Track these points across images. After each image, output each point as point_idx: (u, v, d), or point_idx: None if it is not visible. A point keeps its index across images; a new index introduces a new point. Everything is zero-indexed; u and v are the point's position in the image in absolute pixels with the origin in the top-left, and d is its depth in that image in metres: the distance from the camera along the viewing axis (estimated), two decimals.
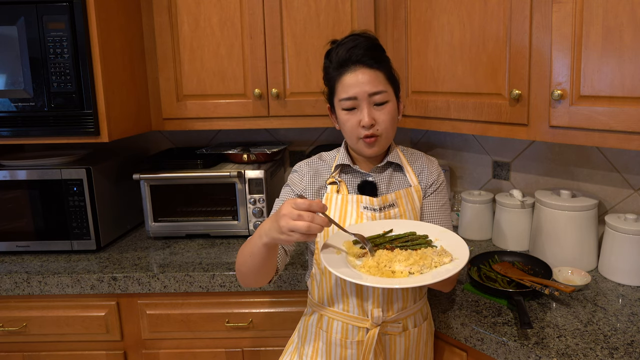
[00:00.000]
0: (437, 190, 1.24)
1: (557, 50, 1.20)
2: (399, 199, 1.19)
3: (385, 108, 1.13)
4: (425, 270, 0.97)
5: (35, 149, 2.10)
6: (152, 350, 1.60)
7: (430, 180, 1.24)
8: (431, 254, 1.01)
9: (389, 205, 1.18)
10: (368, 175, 1.21)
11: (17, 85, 1.55)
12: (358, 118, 1.13)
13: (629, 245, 1.37)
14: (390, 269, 0.97)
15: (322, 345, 1.17)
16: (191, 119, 1.80)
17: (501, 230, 1.71)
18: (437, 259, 0.99)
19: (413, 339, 1.18)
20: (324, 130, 2.15)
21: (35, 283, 1.54)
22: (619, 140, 1.12)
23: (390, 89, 1.15)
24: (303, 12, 1.70)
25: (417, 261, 0.98)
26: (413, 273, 0.97)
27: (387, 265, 0.98)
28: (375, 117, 1.12)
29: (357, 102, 1.12)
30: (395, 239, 1.08)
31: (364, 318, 1.13)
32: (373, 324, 1.11)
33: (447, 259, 0.99)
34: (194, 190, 1.82)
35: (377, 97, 1.12)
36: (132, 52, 1.71)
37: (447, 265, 0.98)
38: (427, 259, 0.99)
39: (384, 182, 1.21)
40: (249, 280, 1.12)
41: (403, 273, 0.96)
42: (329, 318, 1.16)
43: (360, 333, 1.13)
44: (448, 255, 1.01)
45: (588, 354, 1.05)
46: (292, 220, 0.90)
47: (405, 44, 1.61)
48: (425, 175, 1.24)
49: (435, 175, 1.25)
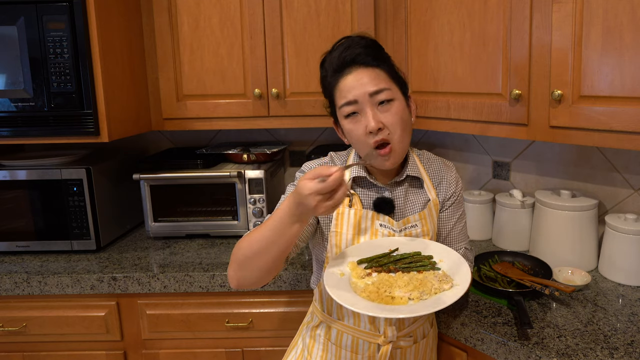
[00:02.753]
0: (455, 203, 1.18)
1: (557, 50, 1.20)
2: (422, 219, 1.11)
3: (391, 108, 1.01)
4: (425, 296, 0.95)
5: (35, 149, 2.10)
6: (152, 350, 1.60)
7: (448, 193, 1.17)
8: (432, 278, 0.99)
9: (410, 226, 1.10)
10: (384, 189, 1.11)
11: (17, 85, 1.55)
12: (363, 124, 1.01)
13: (629, 245, 1.37)
14: (390, 294, 0.95)
15: (331, 357, 1.13)
16: (191, 119, 1.80)
17: (501, 230, 1.71)
18: (438, 285, 0.97)
19: (422, 348, 1.16)
20: (324, 130, 2.15)
21: (35, 283, 1.54)
22: (619, 140, 1.12)
23: (395, 87, 1.04)
24: (303, 12, 1.70)
25: (417, 287, 0.96)
26: (412, 299, 0.94)
27: (386, 291, 0.96)
28: (381, 119, 1.00)
29: (359, 106, 1.01)
30: (400, 259, 1.05)
31: (375, 333, 1.09)
32: (386, 341, 1.07)
33: (447, 285, 0.97)
34: (194, 190, 1.82)
35: (380, 95, 1.00)
36: (132, 52, 1.71)
37: (447, 292, 0.95)
38: (427, 285, 0.97)
39: (400, 198, 1.12)
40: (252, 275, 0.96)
41: (402, 299, 0.94)
42: (337, 331, 1.12)
43: (372, 348, 1.09)
44: (449, 281, 0.98)
45: (588, 354, 1.05)
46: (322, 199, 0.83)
47: (405, 44, 1.61)
48: (444, 187, 1.17)
49: (454, 187, 1.18)
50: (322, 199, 0.83)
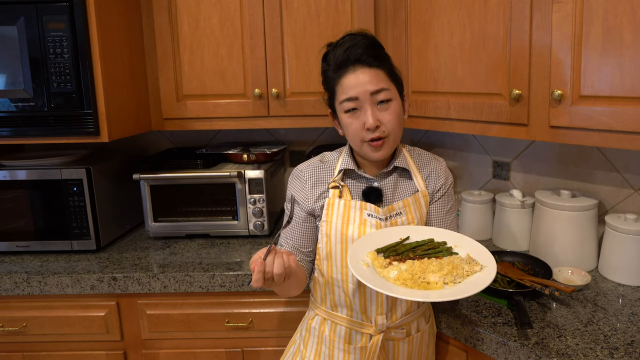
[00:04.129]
0: (445, 195, 1.21)
1: (557, 50, 1.20)
2: (406, 206, 1.15)
3: (389, 107, 1.08)
4: (459, 280, 0.96)
5: (35, 149, 2.10)
6: (152, 350, 1.60)
7: (437, 184, 1.20)
8: (460, 262, 1.00)
9: (395, 214, 1.14)
10: (373, 180, 1.16)
11: (17, 85, 1.55)
12: (362, 120, 1.07)
13: (629, 245, 1.37)
14: (425, 280, 0.95)
15: (325, 349, 1.16)
16: (191, 119, 1.80)
17: (501, 230, 1.70)
18: (468, 267, 0.98)
19: (416, 343, 1.17)
20: (324, 130, 2.15)
21: (35, 283, 1.54)
22: (619, 140, 1.12)
23: (393, 87, 1.10)
24: (303, 12, 1.70)
25: (450, 271, 0.97)
26: (447, 283, 0.95)
27: (420, 277, 0.96)
28: (379, 117, 1.06)
29: (359, 103, 1.06)
30: (416, 247, 1.05)
31: (367, 324, 1.12)
32: (377, 331, 1.10)
33: (477, 267, 0.98)
34: (194, 190, 1.82)
35: (379, 95, 1.06)
36: (132, 52, 1.71)
37: (478, 274, 0.96)
38: (458, 268, 0.98)
39: (389, 188, 1.16)
40: (282, 294, 1.16)
41: (438, 284, 0.94)
42: (331, 322, 1.16)
43: (364, 339, 1.13)
44: (477, 263, 0.99)
45: (588, 354, 1.05)
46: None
47: (405, 44, 1.61)
48: (433, 179, 1.20)
49: (443, 179, 1.21)
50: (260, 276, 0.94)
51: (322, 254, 1.14)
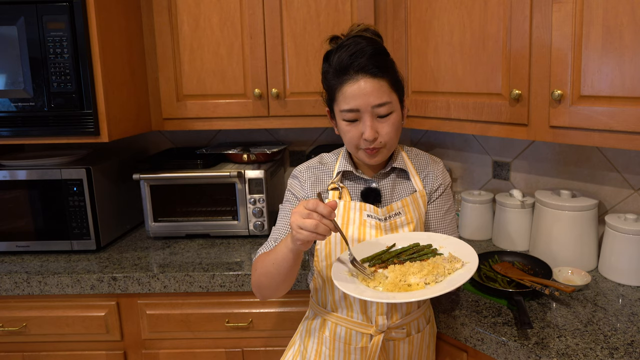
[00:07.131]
0: (443, 195, 1.22)
1: (557, 50, 1.20)
2: (405, 206, 1.15)
3: (389, 119, 1.07)
4: (440, 278, 0.97)
5: (35, 149, 2.10)
6: (152, 350, 1.60)
7: (435, 184, 1.21)
8: (442, 261, 1.01)
9: (394, 214, 1.14)
10: (371, 181, 1.17)
11: (17, 85, 1.55)
12: (360, 130, 1.07)
13: (629, 245, 1.37)
14: (406, 282, 0.97)
15: (325, 350, 1.16)
16: (191, 119, 1.80)
17: (501, 230, 1.70)
18: (449, 265, 1.00)
19: (416, 343, 1.17)
20: (324, 130, 2.15)
21: (35, 283, 1.54)
22: (619, 140, 1.12)
23: (395, 97, 1.08)
24: (303, 12, 1.70)
25: (430, 271, 0.98)
26: (429, 283, 0.96)
27: (401, 280, 0.97)
28: (378, 129, 1.06)
29: (360, 114, 1.06)
30: (401, 252, 1.06)
31: (367, 324, 1.12)
32: (377, 331, 1.11)
33: (458, 264, 1.00)
34: (194, 190, 1.82)
35: (381, 109, 1.05)
36: (132, 52, 1.71)
37: (459, 271, 0.98)
38: (439, 267, 0.99)
39: (387, 188, 1.17)
40: (270, 290, 1.11)
41: (419, 285, 0.96)
42: (332, 323, 1.15)
43: (364, 339, 1.12)
44: (459, 260, 1.01)
45: (588, 354, 1.05)
46: (302, 218, 0.92)
47: (405, 44, 1.61)
48: (430, 179, 1.21)
49: (441, 179, 1.22)
50: (304, 214, 0.92)
51: (321, 255, 1.14)
